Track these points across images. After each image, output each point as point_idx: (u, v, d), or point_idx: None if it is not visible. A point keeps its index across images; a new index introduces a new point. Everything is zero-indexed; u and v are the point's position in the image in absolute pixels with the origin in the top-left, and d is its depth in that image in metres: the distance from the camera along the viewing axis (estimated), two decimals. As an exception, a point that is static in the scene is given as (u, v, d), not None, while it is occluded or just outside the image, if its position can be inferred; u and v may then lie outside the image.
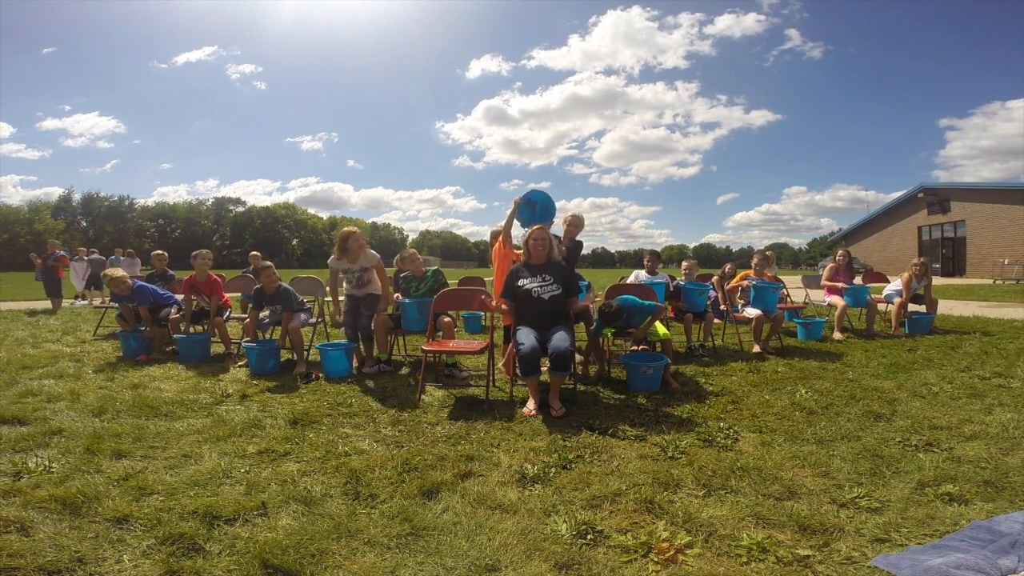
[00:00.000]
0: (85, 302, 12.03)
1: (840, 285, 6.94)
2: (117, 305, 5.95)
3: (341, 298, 5.14)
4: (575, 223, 4.93)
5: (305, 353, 4.96)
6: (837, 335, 6.38)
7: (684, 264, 6.37)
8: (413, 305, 4.57)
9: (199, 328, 5.84)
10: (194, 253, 5.76)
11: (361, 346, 5.02)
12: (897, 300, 6.85)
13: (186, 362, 5.12)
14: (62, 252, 11.44)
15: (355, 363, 4.85)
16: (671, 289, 5.70)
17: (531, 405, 3.55)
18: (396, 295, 5.07)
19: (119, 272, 5.75)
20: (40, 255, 11.00)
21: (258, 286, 5.26)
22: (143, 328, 5.59)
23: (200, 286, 5.67)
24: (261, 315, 5.33)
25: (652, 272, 5.92)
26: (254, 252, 9.26)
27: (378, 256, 5.00)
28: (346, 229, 5.00)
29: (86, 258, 12.42)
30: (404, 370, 4.84)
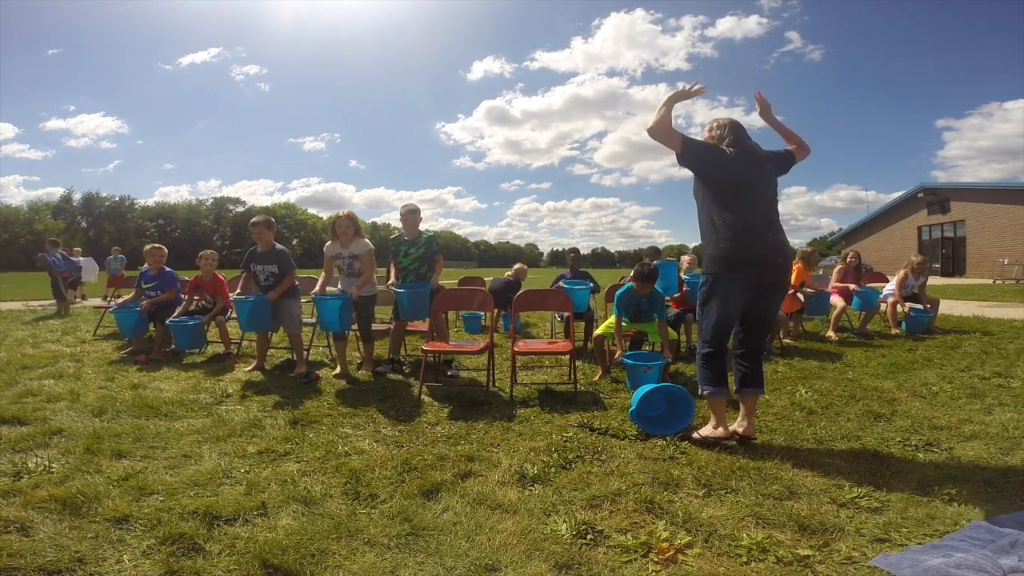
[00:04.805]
0: (81, 302, 11.99)
1: (851, 287, 6.81)
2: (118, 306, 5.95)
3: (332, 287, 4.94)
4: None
5: (305, 353, 4.96)
6: (832, 334, 6.37)
7: (684, 259, 6.32)
8: (404, 296, 4.54)
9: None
10: (200, 254, 5.83)
11: (361, 347, 5.02)
12: (891, 299, 6.81)
13: (179, 348, 5.07)
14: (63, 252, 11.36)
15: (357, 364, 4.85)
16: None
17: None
18: (391, 281, 4.98)
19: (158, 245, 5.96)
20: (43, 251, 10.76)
21: (252, 248, 4.89)
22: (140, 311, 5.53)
23: (205, 286, 5.75)
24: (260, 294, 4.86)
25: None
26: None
27: (371, 247, 4.83)
28: (337, 213, 5.01)
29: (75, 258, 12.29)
30: (404, 369, 4.84)
